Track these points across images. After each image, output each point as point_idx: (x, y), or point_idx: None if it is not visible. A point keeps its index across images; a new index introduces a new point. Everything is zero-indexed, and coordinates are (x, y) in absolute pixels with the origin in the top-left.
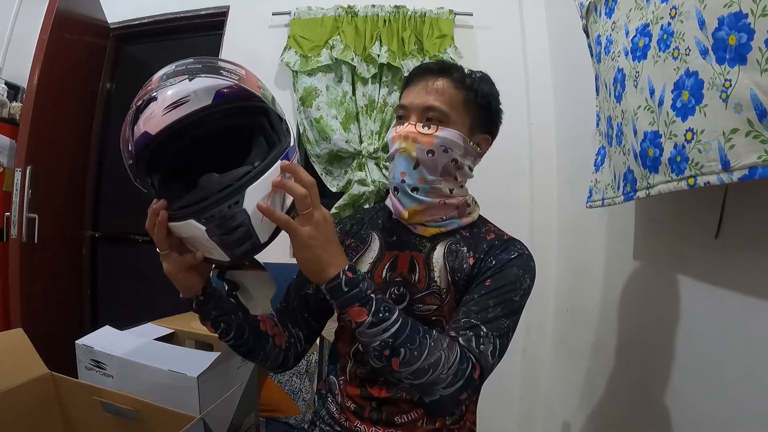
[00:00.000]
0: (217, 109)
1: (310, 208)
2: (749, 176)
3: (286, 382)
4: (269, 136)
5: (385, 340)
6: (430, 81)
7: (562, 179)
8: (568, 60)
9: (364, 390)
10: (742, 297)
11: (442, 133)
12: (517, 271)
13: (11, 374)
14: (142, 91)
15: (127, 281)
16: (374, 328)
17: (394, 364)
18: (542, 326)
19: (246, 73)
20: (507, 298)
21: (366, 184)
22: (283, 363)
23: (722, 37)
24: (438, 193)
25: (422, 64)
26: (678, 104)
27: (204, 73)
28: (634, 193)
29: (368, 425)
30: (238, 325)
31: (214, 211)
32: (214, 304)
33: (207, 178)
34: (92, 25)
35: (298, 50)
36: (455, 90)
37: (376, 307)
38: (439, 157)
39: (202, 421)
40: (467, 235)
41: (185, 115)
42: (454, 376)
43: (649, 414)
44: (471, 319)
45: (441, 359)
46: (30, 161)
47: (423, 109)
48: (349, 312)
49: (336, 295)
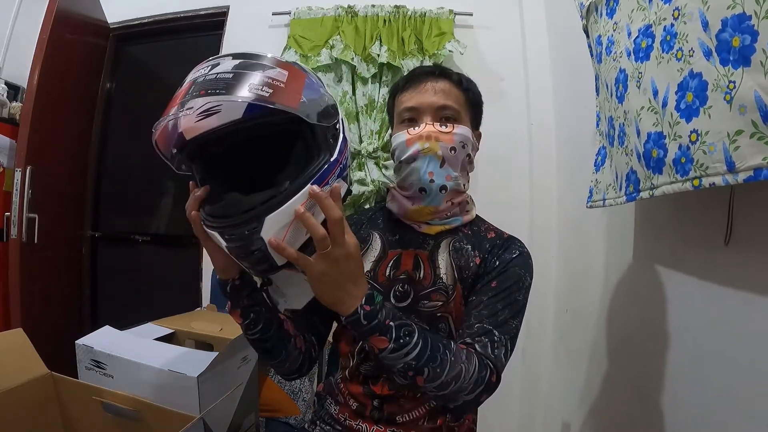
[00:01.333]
0: (248, 123)
1: (328, 248)
2: (754, 177)
3: (286, 382)
4: (309, 147)
5: (408, 362)
6: (435, 83)
7: (562, 179)
8: (568, 60)
9: (366, 387)
10: (742, 296)
11: (458, 129)
12: (519, 271)
13: (11, 374)
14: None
15: (127, 281)
16: (396, 353)
17: (419, 381)
18: (542, 326)
19: (289, 78)
20: (513, 299)
21: (366, 184)
22: (299, 367)
23: (726, 39)
24: (457, 190)
25: (418, 68)
26: (682, 105)
27: (239, 85)
28: (637, 193)
29: (369, 424)
30: (266, 319)
31: (234, 233)
32: (248, 292)
33: (233, 196)
34: (92, 25)
35: (298, 50)
36: (458, 91)
37: (396, 334)
38: (459, 154)
39: (202, 421)
40: (469, 233)
41: (216, 127)
42: (475, 384)
43: (649, 414)
44: (484, 325)
45: (462, 371)
46: (30, 161)
47: (437, 109)
48: (371, 340)
49: (356, 328)
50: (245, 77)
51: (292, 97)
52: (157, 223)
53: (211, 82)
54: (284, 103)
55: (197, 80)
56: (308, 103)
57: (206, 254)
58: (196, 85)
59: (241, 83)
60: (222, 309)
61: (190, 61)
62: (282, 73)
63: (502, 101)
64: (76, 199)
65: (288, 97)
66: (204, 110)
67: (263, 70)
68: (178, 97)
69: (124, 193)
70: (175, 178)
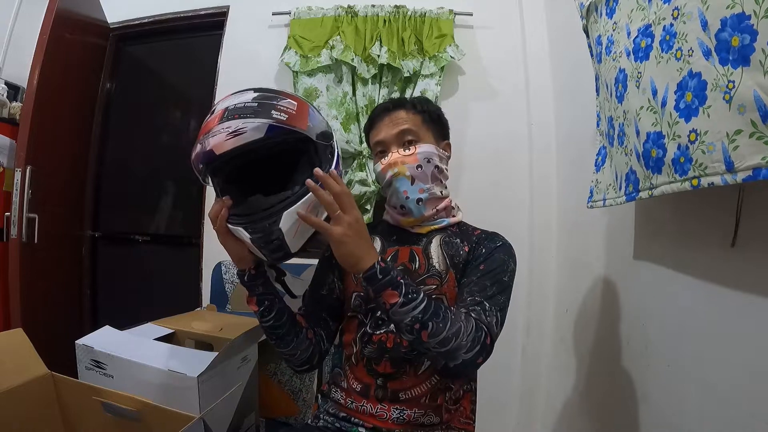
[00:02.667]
0: (268, 141)
1: (338, 211)
2: (753, 177)
3: (287, 382)
4: (313, 161)
5: (415, 315)
6: (392, 114)
7: (562, 179)
8: (568, 60)
9: (369, 367)
10: (742, 296)
11: (420, 149)
12: (503, 257)
13: (11, 374)
14: (213, 116)
15: (127, 281)
16: (405, 307)
17: (424, 336)
18: (542, 326)
19: (298, 107)
20: (499, 278)
21: (367, 185)
22: (309, 358)
23: (725, 39)
24: (435, 197)
25: (378, 106)
26: (681, 105)
27: (261, 113)
28: (636, 193)
29: (374, 403)
30: (279, 308)
31: (257, 226)
32: (263, 281)
33: (255, 199)
34: (92, 25)
35: (298, 50)
36: (413, 115)
37: (406, 289)
38: (426, 168)
39: (202, 421)
40: (457, 231)
41: (241, 145)
42: (472, 342)
43: (649, 414)
44: (475, 297)
45: (461, 328)
46: (30, 161)
47: (398, 136)
48: (383, 295)
49: (372, 282)
50: (266, 106)
51: (301, 121)
52: (157, 223)
53: (240, 109)
54: (296, 126)
55: (229, 108)
56: (312, 126)
57: (206, 254)
58: (229, 111)
59: (264, 110)
60: (222, 309)
61: (190, 61)
62: (292, 103)
63: (502, 101)
64: (76, 199)
65: (299, 121)
66: (232, 131)
67: (278, 101)
68: (215, 121)
69: (124, 193)
70: (175, 178)
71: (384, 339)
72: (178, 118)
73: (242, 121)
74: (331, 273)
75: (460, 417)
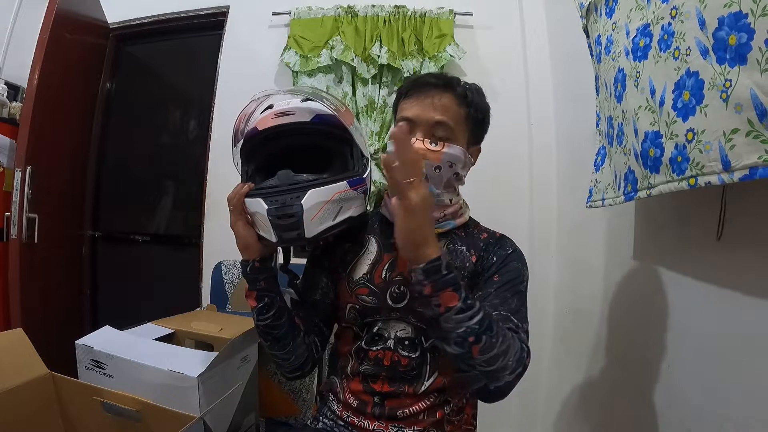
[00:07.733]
0: (312, 127)
1: (416, 177)
2: (750, 176)
3: (287, 382)
4: (347, 163)
5: (472, 327)
6: (435, 96)
7: (562, 179)
8: (568, 60)
9: (366, 385)
10: (742, 296)
11: (448, 149)
12: (516, 265)
13: (11, 374)
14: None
15: (127, 281)
16: (462, 314)
17: (474, 351)
18: (542, 326)
19: (345, 110)
20: (518, 290)
21: None
22: (303, 364)
23: (722, 37)
24: (442, 204)
25: (422, 76)
26: (679, 104)
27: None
28: (634, 193)
29: (371, 420)
30: (279, 307)
31: (279, 198)
32: (266, 276)
33: (285, 172)
34: (92, 25)
35: (298, 50)
36: (458, 107)
37: (465, 294)
38: (444, 172)
39: (202, 421)
40: (462, 235)
41: (287, 123)
42: (516, 362)
43: (649, 413)
44: (501, 312)
45: (510, 347)
46: (30, 161)
47: (432, 125)
48: (442, 296)
49: (432, 276)
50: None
51: (348, 120)
52: (157, 223)
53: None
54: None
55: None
56: (355, 129)
57: (206, 254)
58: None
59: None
60: (222, 309)
61: (190, 61)
62: (342, 104)
63: (502, 101)
64: (76, 199)
65: (346, 119)
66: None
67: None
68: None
69: (124, 193)
70: (175, 178)
71: (381, 356)
72: (178, 118)
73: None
74: (323, 275)
75: (463, 425)
